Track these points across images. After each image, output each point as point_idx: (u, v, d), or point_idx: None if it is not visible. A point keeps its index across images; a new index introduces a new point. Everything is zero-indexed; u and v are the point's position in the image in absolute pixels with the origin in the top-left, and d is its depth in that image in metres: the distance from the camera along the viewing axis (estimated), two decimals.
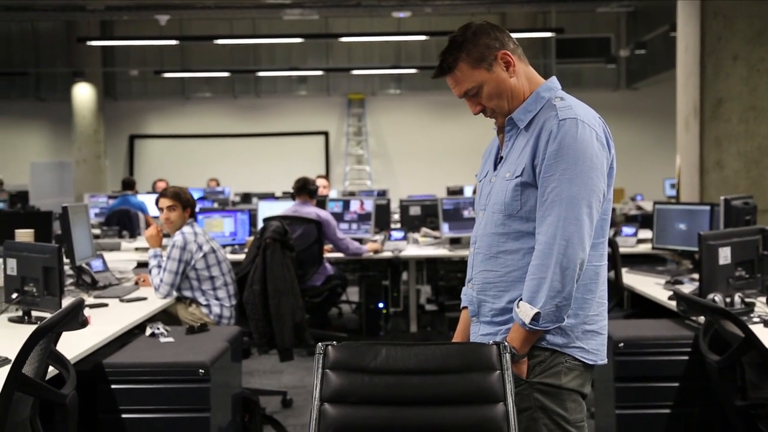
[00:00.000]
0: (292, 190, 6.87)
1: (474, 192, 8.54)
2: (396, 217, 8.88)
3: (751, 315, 3.19)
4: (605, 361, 2.12)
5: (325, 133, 16.13)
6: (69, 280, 4.78)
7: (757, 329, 2.80)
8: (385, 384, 1.86)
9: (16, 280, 4.03)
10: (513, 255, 2.13)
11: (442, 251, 6.77)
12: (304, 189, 6.52)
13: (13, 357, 2.51)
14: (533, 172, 2.06)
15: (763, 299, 3.49)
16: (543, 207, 2.04)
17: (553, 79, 2.16)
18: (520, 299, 2.05)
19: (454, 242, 6.83)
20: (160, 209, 4.78)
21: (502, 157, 2.19)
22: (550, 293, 2.00)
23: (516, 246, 2.12)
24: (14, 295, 3.99)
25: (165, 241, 5.03)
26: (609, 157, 2.08)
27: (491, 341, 2.04)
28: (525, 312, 2.01)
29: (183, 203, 4.75)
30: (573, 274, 2.00)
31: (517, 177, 2.09)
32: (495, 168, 2.21)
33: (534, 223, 2.08)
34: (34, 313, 3.88)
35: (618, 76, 15.22)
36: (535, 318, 1.99)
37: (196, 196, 10.25)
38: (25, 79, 15.57)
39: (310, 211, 6.36)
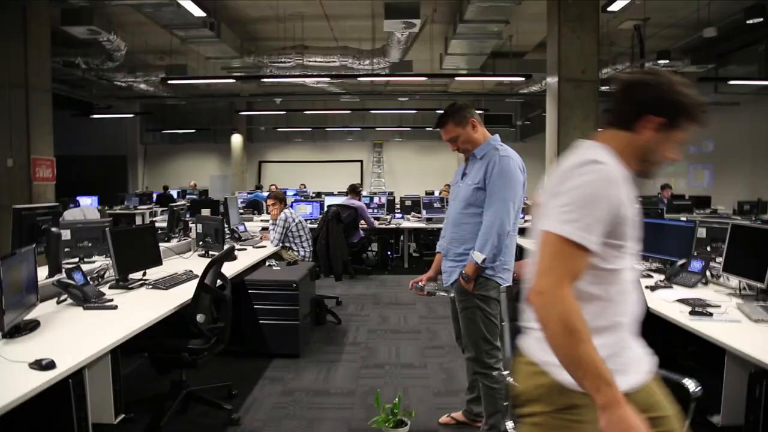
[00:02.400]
0: (345, 190, 8.64)
1: (442, 192, 10.66)
2: (398, 206, 10.43)
3: None
4: (510, 283, 2.64)
5: (360, 161, 22.24)
6: (227, 235, 5.55)
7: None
8: None
9: (201, 236, 4.81)
10: (468, 225, 2.79)
11: (422, 225, 8.73)
12: (354, 190, 8.36)
13: (200, 274, 3.06)
14: (484, 182, 2.72)
15: None
16: (489, 201, 2.71)
17: (497, 136, 2.90)
18: (473, 249, 2.73)
19: (429, 220, 8.91)
20: (268, 205, 5.75)
21: (465, 173, 2.86)
22: (490, 246, 2.67)
23: (470, 220, 2.79)
24: (200, 243, 4.75)
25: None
26: (523, 178, 2.80)
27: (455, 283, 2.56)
28: (477, 256, 2.68)
29: (280, 200, 5.60)
30: (503, 237, 2.68)
31: (475, 185, 2.74)
32: (462, 178, 2.90)
33: (482, 209, 2.74)
34: (210, 252, 4.67)
35: (516, 134, 20.61)
36: (482, 259, 2.66)
37: (291, 193, 13.19)
38: (208, 132, 21.81)
39: (353, 202, 8.00)
